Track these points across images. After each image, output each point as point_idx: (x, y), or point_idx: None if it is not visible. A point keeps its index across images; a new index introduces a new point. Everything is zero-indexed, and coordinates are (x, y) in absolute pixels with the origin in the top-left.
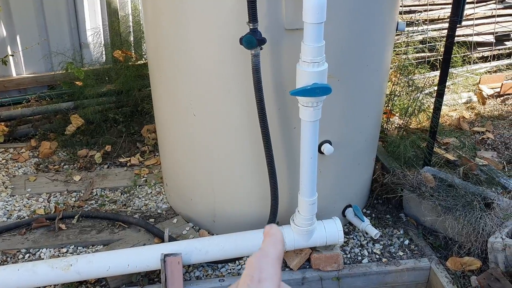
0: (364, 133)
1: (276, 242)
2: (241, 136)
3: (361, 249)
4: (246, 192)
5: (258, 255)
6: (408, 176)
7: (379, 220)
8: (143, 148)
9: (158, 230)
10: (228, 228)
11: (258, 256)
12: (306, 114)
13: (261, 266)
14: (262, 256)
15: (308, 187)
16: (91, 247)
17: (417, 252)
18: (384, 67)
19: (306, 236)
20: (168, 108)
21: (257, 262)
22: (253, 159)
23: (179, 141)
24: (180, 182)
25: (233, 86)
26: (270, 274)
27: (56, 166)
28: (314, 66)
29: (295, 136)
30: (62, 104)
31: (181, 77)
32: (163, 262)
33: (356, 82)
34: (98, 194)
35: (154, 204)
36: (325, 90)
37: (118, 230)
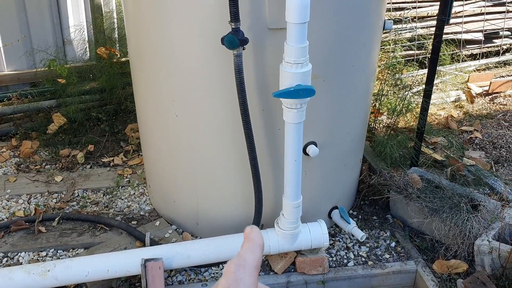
0: (351, 134)
1: (255, 248)
2: (224, 137)
3: (347, 251)
4: (230, 194)
5: (236, 263)
6: (395, 177)
7: (366, 221)
8: (126, 147)
9: (139, 233)
10: (212, 231)
11: (235, 264)
12: (289, 116)
13: (238, 277)
14: (240, 265)
15: (293, 190)
16: (71, 250)
17: (404, 255)
18: (370, 66)
19: (290, 239)
20: (150, 108)
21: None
22: (237, 161)
23: (162, 141)
24: (163, 183)
25: (215, 86)
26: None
27: (37, 166)
28: (298, 67)
29: (279, 137)
30: (44, 102)
31: (163, 77)
32: (144, 267)
33: (342, 82)
34: (80, 195)
35: (137, 205)
36: (309, 92)
37: (99, 232)
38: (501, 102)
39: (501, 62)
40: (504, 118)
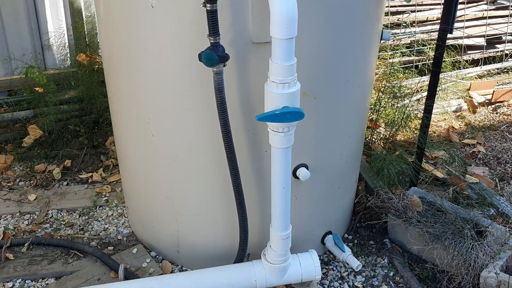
0: (345, 155)
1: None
2: (206, 160)
3: (341, 282)
4: (213, 221)
5: None
6: (393, 199)
7: (362, 247)
8: (107, 161)
9: (114, 262)
10: (194, 260)
11: None
12: (276, 140)
13: None
14: None
15: (281, 220)
16: (40, 280)
17: (403, 285)
18: (367, 81)
19: (279, 273)
20: (125, 125)
21: None
22: (219, 185)
23: (138, 162)
24: (141, 206)
25: (195, 105)
26: None
27: (10, 183)
28: (284, 87)
29: (266, 159)
30: (20, 112)
31: (138, 93)
32: None
33: (335, 99)
34: (54, 216)
35: (115, 228)
36: (297, 115)
37: (72, 260)
38: (504, 112)
39: (504, 69)
40: (508, 130)
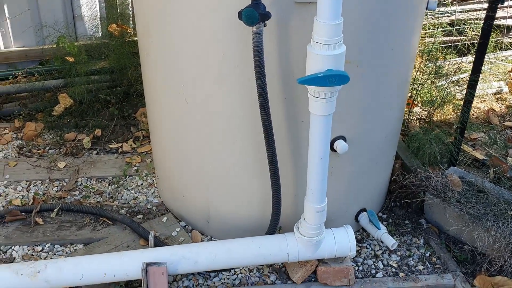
0: (385, 128)
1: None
2: (239, 128)
3: (375, 260)
4: (245, 192)
5: None
6: (432, 178)
7: (397, 226)
8: (136, 133)
9: (144, 230)
10: (224, 231)
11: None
12: (316, 107)
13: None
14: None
15: (317, 192)
16: (69, 246)
17: (439, 266)
18: (411, 51)
19: (312, 247)
20: (158, 92)
21: None
22: (252, 155)
23: (171, 130)
24: (171, 176)
25: (231, 69)
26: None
27: (40, 150)
28: (329, 49)
29: (303, 130)
30: (52, 81)
31: (172, 58)
32: (145, 272)
33: (378, 68)
34: (83, 184)
35: (144, 197)
36: (342, 78)
37: (101, 227)
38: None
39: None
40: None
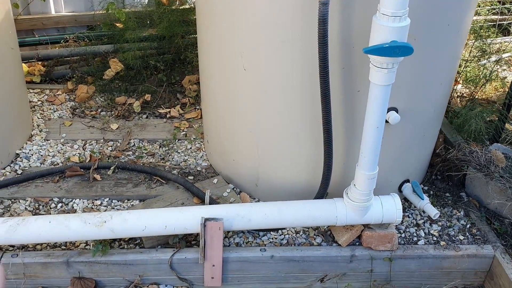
0: (434, 102)
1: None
2: (296, 96)
3: (417, 229)
4: (295, 158)
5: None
6: (475, 152)
7: (438, 198)
8: (183, 99)
9: (198, 189)
10: (271, 195)
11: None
12: (377, 76)
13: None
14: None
15: (370, 160)
16: (126, 201)
17: (479, 238)
18: (465, 27)
19: (360, 212)
20: (215, 59)
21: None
22: (306, 123)
23: (225, 96)
24: (222, 140)
25: (293, 38)
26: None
27: (92, 112)
28: (395, 21)
29: (358, 100)
30: (101, 46)
31: (233, 25)
32: (203, 226)
33: (434, 43)
34: (135, 145)
35: (194, 160)
36: (406, 50)
37: (155, 185)
38: None
39: None
40: None
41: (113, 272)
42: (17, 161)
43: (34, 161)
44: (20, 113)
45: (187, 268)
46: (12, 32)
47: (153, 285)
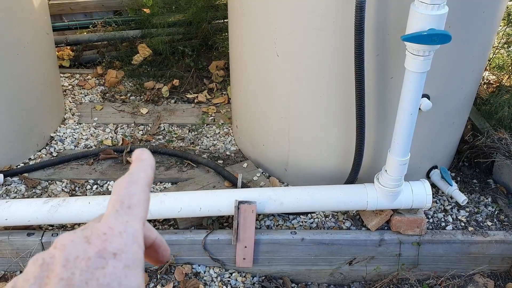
0: (465, 89)
1: (146, 167)
2: (328, 83)
3: (445, 214)
4: (326, 143)
5: (128, 180)
6: (504, 139)
7: (465, 184)
8: (210, 85)
9: (228, 173)
10: (300, 179)
11: (126, 181)
12: (413, 64)
13: (131, 192)
14: (132, 181)
15: (403, 145)
16: (159, 183)
17: (507, 224)
18: (499, 14)
19: (391, 197)
20: (247, 44)
21: (126, 187)
22: (338, 109)
23: (256, 82)
24: (252, 125)
25: (327, 25)
26: (140, 200)
27: (122, 97)
28: (434, 9)
29: (391, 87)
30: (129, 32)
31: (268, 12)
32: (237, 209)
33: (469, 30)
34: (165, 129)
35: (222, 145)
36: (444, 38)
37: (186, 169)
38: None
39: None
40: None
41: None
42: (52, 143)
43: (68, 144)
44: (54, 96)
45: (219, 249)
46: (47, 17)
47: (187, 265)
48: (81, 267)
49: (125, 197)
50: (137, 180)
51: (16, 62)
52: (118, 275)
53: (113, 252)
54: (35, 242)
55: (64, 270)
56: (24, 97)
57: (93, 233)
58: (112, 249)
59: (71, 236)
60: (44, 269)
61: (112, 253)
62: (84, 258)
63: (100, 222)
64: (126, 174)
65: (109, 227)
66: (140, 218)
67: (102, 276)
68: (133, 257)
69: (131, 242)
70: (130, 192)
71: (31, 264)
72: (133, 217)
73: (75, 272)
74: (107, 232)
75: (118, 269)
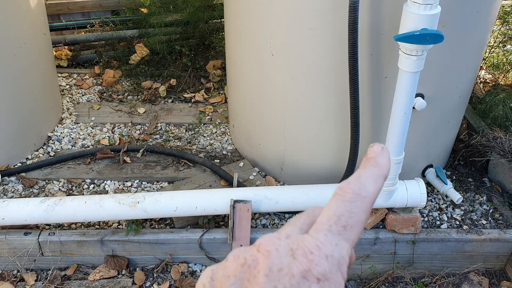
0: (460, 89)
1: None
2: (323, 81)
3: (440, 213)
4: (321, 143)
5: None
6: (499, 138)
7: (460, 183)
8: (207, 84)
9: (225, 172)
10: (296, 178)
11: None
12: (406, 63)
13: (353, 209)
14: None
15: (396, 145)
16: (155, 183)
17: (502, 222)
18: (493, 13)
19: (385, 196)
20: (243, 44)
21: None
22: (333, 108)
23: (252, 81)
24: (248, 125)
25: (322, 25)
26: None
27: (120, 96)
28: (426, 9)
29: (385, 86)
30: (127, 31)
31: (262, 11)
32: (232, 208)
33: (462, 29)
34: (162, 129)
35: (219, 144)
36: (436, 37)
37: (183, 168)
38: None
39: None
40: None
41: (145, 251)
42: (49, 143)
43: (66, 144)
44: (52, 96)
45: (215, 248)
46: (44, 18)
47: (183, 264)
48: (284, 282)
49: (345, 213)
50: (365, 194)
51: (13, 63)
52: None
53: (317, 277)
54: (32, 241)
55: (267, 280)
56: (22, 97)
57: (300, 247)
58: (316, 273)
59: (275, 243)
60: (245, 270)
61: (316, 278)
62: (288, 274)
63: (309, 234)
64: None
65: (316, 245)
66: (351, 243)
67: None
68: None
69: (335, 270)
70: (352, 209)
71: (233, 260)
72: (344, 241)
73: (277, 286)
74: (314, 251)
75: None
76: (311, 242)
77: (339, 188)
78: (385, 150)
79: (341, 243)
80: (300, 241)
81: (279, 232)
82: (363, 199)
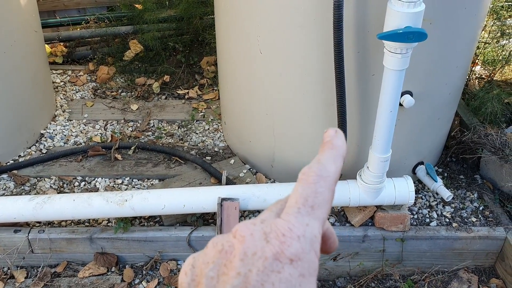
0: (450, 85)
1: (337, 157)
2: (311, 80)
3: (430, 210)
4: (310, 139)
5: (317, 172)
6: (491, 135)
7: (452, 180)
8: (201, 80)
9: (215, 170)
10: (286, 175)
11: (316, 174)
12: (391, 61)
13: (318, 190)
14: (321, 176)
15: (383, 142)
16: (146, 180)
17: (492, 220)
18: (483, 10)
19: (373, 194)
20: (232, 42)
21: (314, 183)
22: (321, 105)
23: (241, 79)
24: (239, 122)
25: (309, 22)
26: (325, 200)
27: (113, 93)
28: (409, 6)
29: (372, 84)
30: (121, 28)
31: (250, 8)
32: (220, 206)
33: (450, 26)
34: (155, 125)
35: (211, 141)
36: (420, 35)
37: (174, 165)
38: None
39: None
40: None
41: (134, 248)
42: (41, 140)
43: (58, 141)
44: (44, 94)
45: (204, 245)
46: (36, 15)
47: (172, 261)
48: (258, 265)
49: (311, 194)
50: (327, 174)
51: (3, 61)
52: (293, 283)
53: (290, 258)
54: (21, 239)
55: (242, 264)
56: (14, 95)
57: (272, 230)
58: (289, 254)
59: (250, 228)
60: (223, 256)
61: (289, 258)
62: (262, 257)
63: (280, 218)
64: (315, 162)
65: (288, 227)
66: (321, 220)
67: (277, 280)
68: (309, 266)
69: (308, 250)
70: (317, 189)
71: (212, 247)
72: (314, 220)
73: (252, 269)
74: (286, 233)
75: (293, 277)
76: (283, 224)
77: (302, 173)
78: (339, 132)
79: (311, 222)
80: (273, 224)
81: (255, 218)
82: (326, 178)
